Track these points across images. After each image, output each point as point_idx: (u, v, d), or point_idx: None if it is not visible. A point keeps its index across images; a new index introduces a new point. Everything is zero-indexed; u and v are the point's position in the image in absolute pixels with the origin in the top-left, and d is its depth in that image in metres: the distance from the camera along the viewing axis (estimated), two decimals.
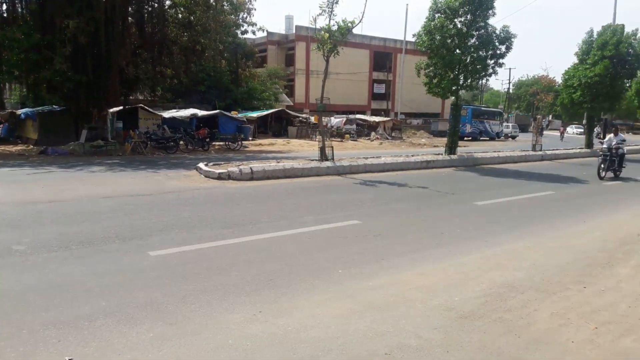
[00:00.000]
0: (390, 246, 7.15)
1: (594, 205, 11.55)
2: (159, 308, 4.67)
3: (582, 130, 34.09)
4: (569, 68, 29.58)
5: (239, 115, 33.43)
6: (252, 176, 13.53)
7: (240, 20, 35.62)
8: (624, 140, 17.26)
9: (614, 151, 16.62)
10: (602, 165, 16.46)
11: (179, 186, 12.16)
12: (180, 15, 28.28)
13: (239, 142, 25.78)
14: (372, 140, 35.21)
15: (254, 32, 36.98)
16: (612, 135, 17.40)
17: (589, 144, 29.31)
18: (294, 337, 4.16)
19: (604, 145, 16.86)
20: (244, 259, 6.30)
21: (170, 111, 30.85)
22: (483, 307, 4.92)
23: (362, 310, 4.77)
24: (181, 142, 23.63)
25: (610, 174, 16.72)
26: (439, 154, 20.97)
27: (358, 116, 42.97)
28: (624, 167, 17.23)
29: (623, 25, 28.07)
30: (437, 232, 8.20)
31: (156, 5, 26.74)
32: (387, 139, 37.08)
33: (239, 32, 36.60)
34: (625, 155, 17.33)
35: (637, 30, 27.48)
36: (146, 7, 26.73)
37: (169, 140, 22.43)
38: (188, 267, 5.88)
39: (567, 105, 30.23)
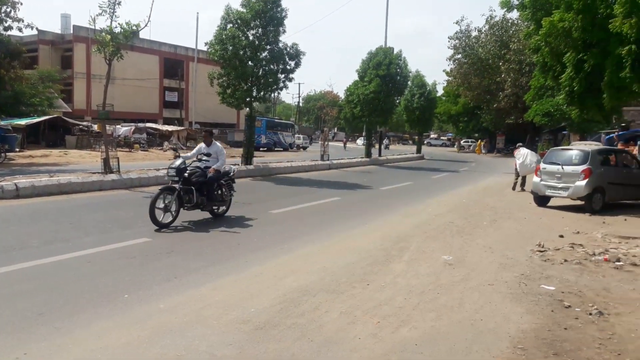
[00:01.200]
0: (184, 262, 6.78)
1: (374, 208, 12.79)
2: None
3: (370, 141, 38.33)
4: (350, 85, 32.75)
5: (3, 122, 28.84)
6: (18, 193, 11.61)
7: (3, 15, 30.75)
8: (209, 154, 9.89)
9: (190, 175, 9.33)
10: (163, 201, 8.85)
11: None
12: None
13: (3, 154, 22.20)
14: (166, 151, 33.78)
15: (20, 29, 32.17)
16: (202, 144, 10.24)
17: (368, 154, 32.72)
18: None
19: (175, 164, 9.32)
20: (6, 292, 5.27)
21: None
22: (278, 315, 4.93)
23: (153, 335, 4.36)
24: None
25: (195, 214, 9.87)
26: (235, 164, 21.03)
27: (149, 125, 40.81)
28: (230, 195, 10.35)
29: (392, 48, 32.25)
30: (233, 243, 8.08)
31: None
32: (182, 149, 35.94)
33: (0, 27, 31.53)
34: (232, 181, 10.43)
35: (400, 51, 31.85)
36: None
37: None
38: None
39: (350, 119, 33.41)
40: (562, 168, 12.96)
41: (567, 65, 14.37)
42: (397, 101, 34.02)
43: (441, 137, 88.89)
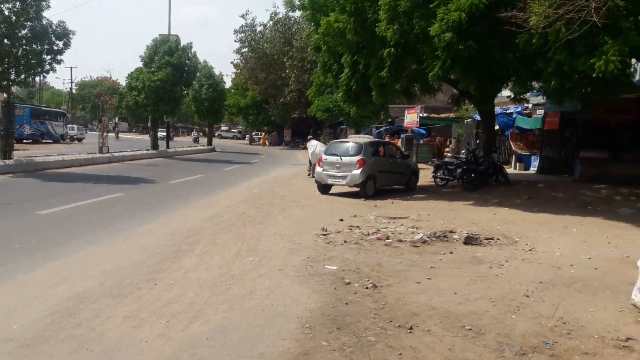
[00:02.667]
0: None
1: (162, 203, 12.16)
2: None
3: (164, 133, 36.45)
4: (133, 71, 30.68)
5: None
6: None
7: None
8: None
9: None
10: None
11: None
12: None
13: None
14: None
15: None
16: None
17: (155, 146, 31.14)
18: None
19: None
20: None
21: None
22: (49, 328, 4.33)
23: None
24: None
25: None
26: None
27: None
28: None
29: (178, 37, 31.21)
30: None
31: None
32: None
33: None
34: None
35: (191, 43, 31.05)
36: None
37: None
38: None
39: (133, 108, 31.30)
40: (341, 159, 14.17)
41: (344, 65, 15.72)
42: (185, 91, 33.16)
43: (232, 130, 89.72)
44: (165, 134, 37.25)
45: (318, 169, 14.88)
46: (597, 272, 6.38)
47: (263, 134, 62.60)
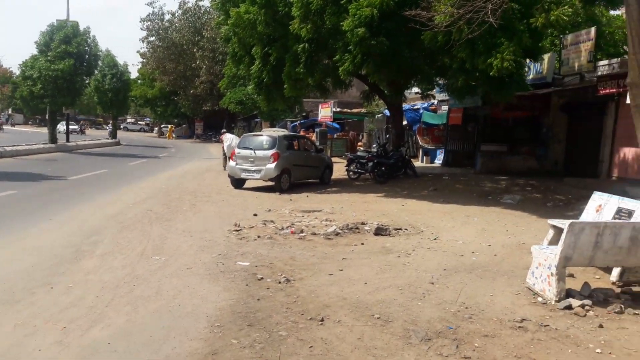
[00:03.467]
0: None
1: (61, 200, 11.32)
2: None
3: (73, 126, 33.67)
4: (27, 59, 28.26)
5: None
6: None
7: None
8: None
9: None
10: None
11: None
12: None
13: None
14: None
15: None
16: None
17: (53, 139, 28.96)
18: None
19: None
20: None
21: None
22: None
23: None
24: None
25: None
26: None
27: None
28: None
29: (77, 22, 29.09)
30: None
31: None
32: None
33: None
34: None
35: (89, 28, 29.06)
36: None
37: None
38: None
39: (28, 99, 28.87)
40: (255, 152, 13.98)
41: (255, 57, 15.49)
42: (87, 81, 31.12)
43: (139, 122, 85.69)
44: (73, 127, 34.80)
45: (231, 163, 14.59)
46: (496, 258, 6.80)
47: (170, 127, 60.05)
